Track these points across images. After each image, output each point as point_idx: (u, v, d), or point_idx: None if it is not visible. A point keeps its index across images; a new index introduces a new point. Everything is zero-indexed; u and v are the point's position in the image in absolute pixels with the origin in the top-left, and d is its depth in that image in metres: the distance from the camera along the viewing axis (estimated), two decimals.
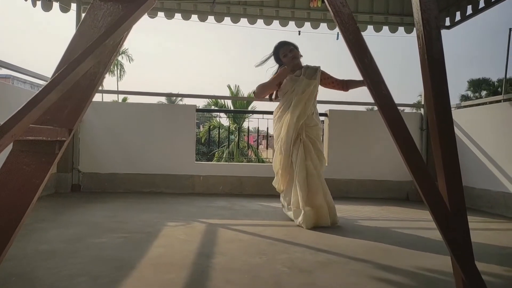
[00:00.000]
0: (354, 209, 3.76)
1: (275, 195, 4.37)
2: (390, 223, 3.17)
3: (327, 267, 1.87)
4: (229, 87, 19.66)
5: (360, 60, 0.95)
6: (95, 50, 0.67)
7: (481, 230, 2.98)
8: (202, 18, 4.79)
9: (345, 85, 3.10)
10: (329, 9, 0.98)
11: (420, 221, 3.23)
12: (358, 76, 1.91)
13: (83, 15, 4.66)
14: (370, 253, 2.15)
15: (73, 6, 4.74)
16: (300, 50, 3.21)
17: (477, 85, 35.68)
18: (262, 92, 3.15)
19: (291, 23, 4.95)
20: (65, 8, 4.78)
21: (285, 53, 3.13)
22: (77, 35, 0.81)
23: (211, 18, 4.79)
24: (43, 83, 5.03)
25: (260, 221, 3.01)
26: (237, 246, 2.21)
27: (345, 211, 3.63)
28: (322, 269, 1.84)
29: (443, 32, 5.04)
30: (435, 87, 1.11)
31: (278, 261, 1.94)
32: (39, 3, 4.56)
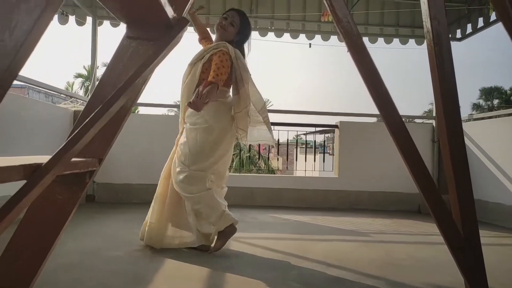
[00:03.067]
0: (365, 221, 3.76)
1: (286, 207, 4.41)
2: (402, 237, 3.17)
3: (338, 284, 1.89)
4: None
5: (374, 90, 0.99)
6: (126, 90, 0.72)
7: (494, 246, 2.97)
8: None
9: (208, 83, 2.22)
10: (345, 42, 1.02)
11: (433, 235, 3.22)
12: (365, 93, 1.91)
13: (98, 28, 4.79)
14: (382, 269, 2.16)
15: (89, 19, 4.87)
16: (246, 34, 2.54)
17: (489, 93, 35.29)
18: None
19: (302, 35, 5.02)
20: (80, 22, 4.92)
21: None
22: (107, 72, 0.87)
23: None
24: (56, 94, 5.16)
25: (271, 234, 3.04)
26: (249, 260, 2.24)
27: (355, 223, 3.64)
28: (333, 285, 1.86)
29: (454, 43, 5.06)
30: (446, 105, 1.13)
31: (290, 276, 1.97)
32: (55, 17, 4.70)
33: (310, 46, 4.99)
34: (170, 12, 0.79)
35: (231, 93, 2.51)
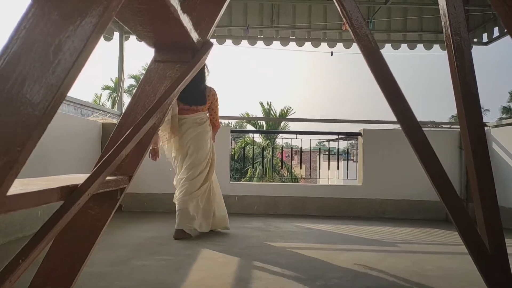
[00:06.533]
0: (391, 231, 3.70)
1: (309, 216, 4.39)
2: (429, 247, 3.10)
3: None
4: (261, 104, 19.87)
5: (391, 102, 1.00)
6: (156, 111, 0.76)
7: None
8: (236, 42, 4.96)
9: None
10: (361, 52, 1.04)
11: (461, 245, 3.12)
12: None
13: (125, 43, 4.94)
14: (409, 280, 2.12)
15: (115, 35, 5.04)
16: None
17: None
18: None
19: (323, 44, 5.03)
20: (108, 38, 5.09)
21: None
22: (137, 93, 0.92)
23: (244, 42, 4.95)
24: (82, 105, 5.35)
25: (295, 243, 3.03)
26: (274, 271, 2.25)
27: (381, 233, 3.58)
28: None
29: (480, 47, 4.94)
30: (469, 118, 1.12)
31: (317, 287, 1.96)
32: None
33: (332, 55, 4.99)
34: (195, 36, 0.84)
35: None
